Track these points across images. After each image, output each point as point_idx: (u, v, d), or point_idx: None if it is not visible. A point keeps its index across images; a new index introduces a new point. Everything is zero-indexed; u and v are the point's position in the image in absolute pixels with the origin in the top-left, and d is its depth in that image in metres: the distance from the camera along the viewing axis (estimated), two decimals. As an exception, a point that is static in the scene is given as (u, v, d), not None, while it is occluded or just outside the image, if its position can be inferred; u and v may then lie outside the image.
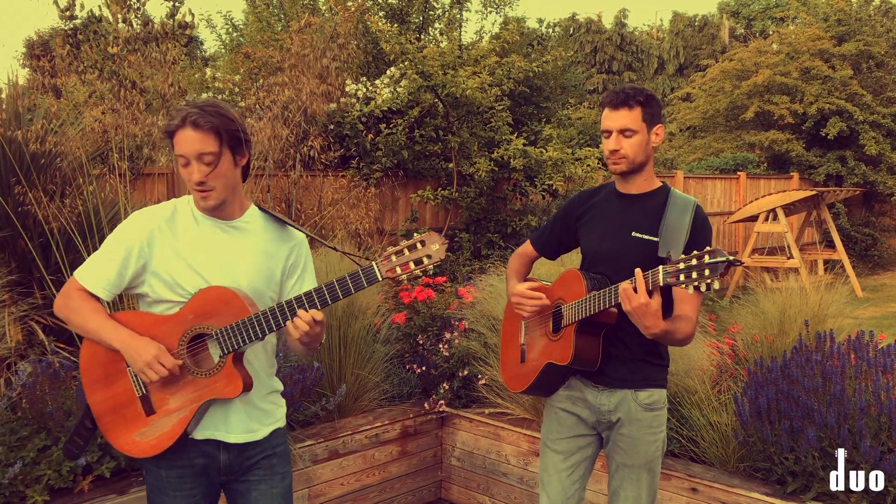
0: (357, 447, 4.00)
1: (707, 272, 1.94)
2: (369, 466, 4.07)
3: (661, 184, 2.49)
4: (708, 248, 1.98)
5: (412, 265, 1.97)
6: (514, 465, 4.07)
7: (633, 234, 2.39)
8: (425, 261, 1.97)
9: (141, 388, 2.09)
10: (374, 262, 1.99)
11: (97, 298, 2.10)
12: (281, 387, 2.34)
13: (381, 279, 2.00)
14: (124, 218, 4.49)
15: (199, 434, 2.12)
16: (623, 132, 2.38)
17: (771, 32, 23.88)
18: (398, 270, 1.97)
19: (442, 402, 4.34)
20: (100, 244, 4.26)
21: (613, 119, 2.39)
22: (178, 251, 2.08)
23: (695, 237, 2.31)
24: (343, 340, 4.15)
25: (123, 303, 3.80)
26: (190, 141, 1.99)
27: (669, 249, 2.27)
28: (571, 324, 2.40)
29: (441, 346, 4.46)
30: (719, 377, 3.93)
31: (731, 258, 1.92)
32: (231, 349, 2.03)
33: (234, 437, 2.14)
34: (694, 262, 1.97)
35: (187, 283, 2.07)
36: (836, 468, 3.05)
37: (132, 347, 2.01)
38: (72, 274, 2.16)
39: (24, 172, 4.30)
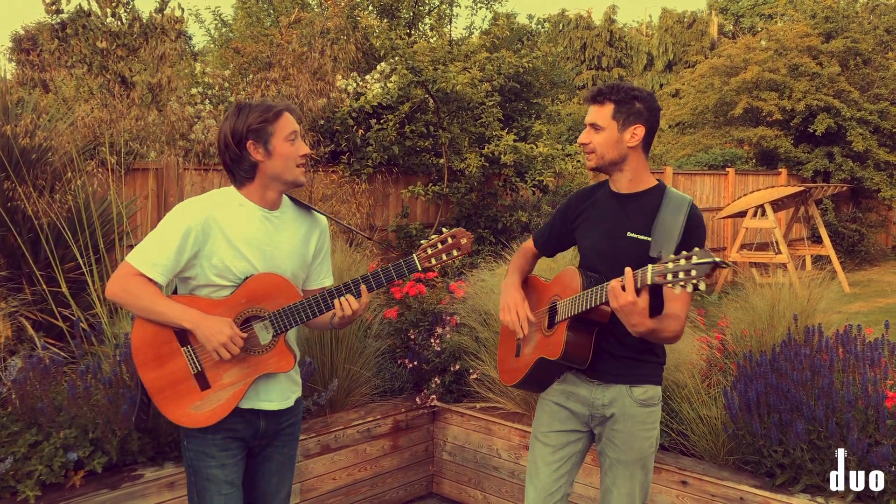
0: (349, 442, 4.01)
1: (693, 272, 1.97)
2: (361, 461, 4.07)
3: (657, 182, 2.49)
4: (697, 248, 2.00)
5: (444, 257, 2.32)
6: (505, 459, 4.09)
7: (629, 234, 2.40)
8: (455, 253, 2.32)
9: (196, 366, 2.28)
10: (413, 255, 2.32)
11: (153, 283, 2.22)
12: (298, 355, 2.57)
13: (419, 269, 2.32)
14: (115, 212, 4.47)
15: (245, 404, 2.33)
16: (593, 126, 2.42)
17: (759, 29, 23.98)
18: (433, 261, 2.32)
19: (433, 396, 4.35)
20: (90, 239, 4.24)
21: (588, 113, 2.45)
22: (229, 239, 2.25)
23: (688, 237, 2.31)
24: (335, 335, 4.15)
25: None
26: (294, 121, 2.31)
27: (661, 249, 2.27)
28: (564, 320, 2.41)
29: (433, 340, 4.47)
30: (709, 371, 3.96)
31: (718, 259, 1.95)
32: (283, 329, 2.29)
33: (274, 404, 2.39)
34: (682, 262, 1.99)
35: (237, 269, 2.27)
36: (824, 461, 3.08)
37: (207, 327, 2.19)
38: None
39: (14, 167, 4.27)
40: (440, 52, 8.32)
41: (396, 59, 8.21)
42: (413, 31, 10.98)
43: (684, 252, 2.02)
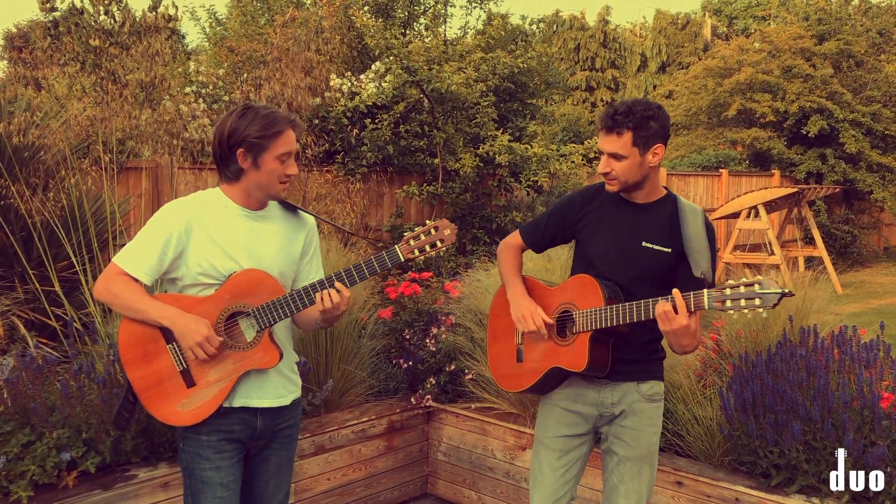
0: (343, 442, 3.99)
1: (758, 301, 2.03)
2: (355, 461, 4.06)
3: (666, 191, 2.50)
4: (758, 277, 2.06)
5: (428, 248, 2.29)
6: (500, 459, 4.08)
7: (644, 243, 2.41)
8: (438, 244, 2.29)
9: (182, 363, 2.28)
10: (395, 246, 2.29)
11: (139, 283, 2.25)
12: (297, 358, 2.60)
13: (402, 260, 2.29)
14: (108, 211, 4.45)
15: (237, 402, 2.33)
16: (613, 156, 2.38)
17: (753, 31, 24.05)
18: (416, 252, 2.29)
19: (428, 396, 4.34)
20: (84, 238, 4.22)
21: (604, 143, 2.39)
22: (213, 238, 2.27)
23: (711, 250, 2.38)
24: (330, 335, 4.13)
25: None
26: (293, 140, 2.29)
27: (701, 269, 2.31)
28: (586, 331, 2.39)
29: (428, 341, 4.46)
30: (703, 371, 3.96)
31: (785, 290, 2.01)
32: (267, 325, 2.28)
33: (268, 401, 2.38)
34: (742, 289, 2.05)
35: (222, 267, 2.28)
36: (819, 462, 3.09)
37: (183, 325, 2.21)
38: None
39: (7, 165, 4.25)
40: (435, 52, 8.30)
41: (391, 58, 8.19)
42: (408, 31, 10.96)
43: (744, 280, 2.06)
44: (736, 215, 11.48)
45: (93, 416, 3.19)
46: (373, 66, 8.58)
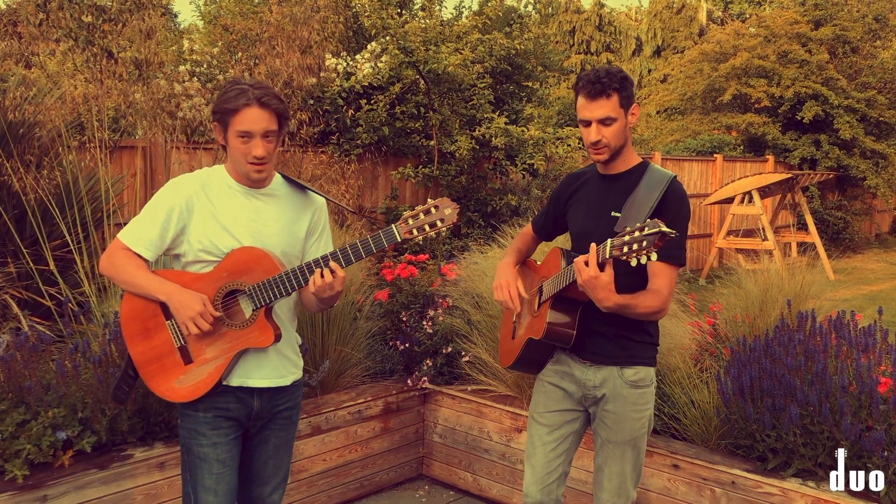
0: (340, 423, 3.99)
1: (644, 244, 1.97)
2: (352, 442, 4.06)
3: (641, 160, 2.51)
4: (648, 220, 2.02)
5: (427, 227, 2.17)
6: (496, 441, 4.08)
7: (613, 213, 2.42)
8: (439, 224, 2.17)
9: (180, 340, 2.29)
10: (392, 225, 2.19)
11: (140, 258, 2.26)
12: (300, 340, 2.57)
13: (399, 240, 2.19)
14: (104, 190, 4.40)
15: (234, 381, 2.33)
16: (603, 121, 2.37)
17: (748, 16, 23.98)
18: (415, 232, 2.17)
19: (424, 378, 4.33)
20: (79, 215, 4.18)
21: (592, 109, 2.36)
22: (214, 215, 2.26)
23: (663, 213, 2.30)
24: (326, 316, 4.12)
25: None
26: (258, 119, 2.18)
27: (626, 225, 2.25)
28: (547, 300, 2.44)
29: (424, 323, 4.45)
30: (700, 355, 3.96)
31: (664, 229, 1.94)
32: (263, 303, 2.25)
33: (267, 381, 2.37)
34: (636, 234, 1.99)
35: (223, 244, 2.26)
36: (816, 445, 3.10)
37: (178, 300, 2.21)
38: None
39: (1, 142, 4.19)
40: (432, 33, 8.22)
41: (387, 38, 8.11)
42: (404, 11, 10.85)
43: (638, 224, 2.02)
44: (730, 200, 11.49)
45: (88, 395, 3.17)
46: (368, 47, 8.50)
